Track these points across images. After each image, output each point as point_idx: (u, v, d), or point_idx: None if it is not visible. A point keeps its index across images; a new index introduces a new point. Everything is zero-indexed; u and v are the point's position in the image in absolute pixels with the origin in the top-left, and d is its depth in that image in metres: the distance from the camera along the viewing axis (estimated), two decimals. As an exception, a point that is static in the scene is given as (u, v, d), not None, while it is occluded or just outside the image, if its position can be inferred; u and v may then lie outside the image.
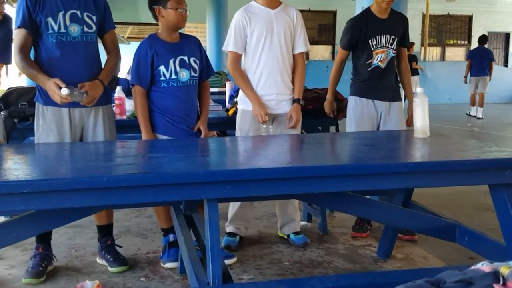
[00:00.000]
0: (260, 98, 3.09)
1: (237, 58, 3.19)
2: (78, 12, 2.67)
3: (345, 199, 2.47)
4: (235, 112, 3.33)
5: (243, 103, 3.19)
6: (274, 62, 3.13)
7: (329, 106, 3.56)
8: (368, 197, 2.72)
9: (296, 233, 3.33)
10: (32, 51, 2.71)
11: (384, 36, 3.32)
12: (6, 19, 2.52)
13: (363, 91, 3.39)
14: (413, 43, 11.20)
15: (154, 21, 3.05)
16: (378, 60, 3.34)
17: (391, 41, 3.34)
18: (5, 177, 1.78)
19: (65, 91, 2.45)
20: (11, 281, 2.74)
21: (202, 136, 2.97)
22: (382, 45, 3.33)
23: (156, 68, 2.88)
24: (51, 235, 2.95)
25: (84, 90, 2.59)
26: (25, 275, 2.72)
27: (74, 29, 2.66)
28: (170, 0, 2.86)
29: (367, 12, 3.40)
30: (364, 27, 3.33)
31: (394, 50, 3.36)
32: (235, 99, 3.52)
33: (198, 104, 3.08)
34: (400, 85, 3.54)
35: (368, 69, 3.35)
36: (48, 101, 2.65)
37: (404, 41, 3.45)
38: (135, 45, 3.09)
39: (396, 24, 3.39)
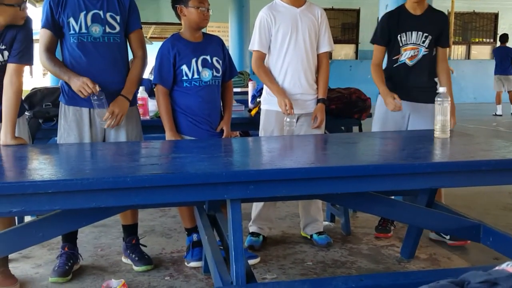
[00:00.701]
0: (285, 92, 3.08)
1: (261, 57, 3.18)
2: (101, 12, 2.68)
3: (368, 199, 2.45)
4: (258, 112, 3.34)
5: (267, 103, 3.19)
6: (299, 61, 3.12)
7: (390, 103, 3.14)
8: (391, 197, 2.70)
9: (319, 233, 3.32)
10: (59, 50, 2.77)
11: (416, 33, 3.20)
12: (26, 20, 2.57)
13: (388, 88, 3.25)
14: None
15: (176, 21, 3.06)
16: (406, 57, 3.23)
17: (423, 39, 3.20)
18: (31, 177, 1.81)
19: (97, 88, 2.56)
20: (38, 280, 2.79)
21: (224, 136, 2.97)
22: (412, 42, 3.21)
23: (178, 68, 2.88)
24: (77, 234, 3.00)
25: (111, 111, 2.64)
26: (52, 274, 2.77)
27: (96, 30, 2.68)
28: (189, 1, 2.86)
29: (401, 7, 3.31)
30: (395, 22, 3.25)
31: (427, 48, 3.21)
32: (258, 99, 3.53)
33: (221, 104, 3.09)
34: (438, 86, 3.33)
35: (394, 65, 3.27)
36: (70, 101, 2.71)
37: (441, 41, 3.29)
38: (157, 45, 3.11)
39: (431, 21, 3.24)
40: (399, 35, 3.22)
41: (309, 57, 3.14)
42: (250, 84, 4.44)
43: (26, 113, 3.22)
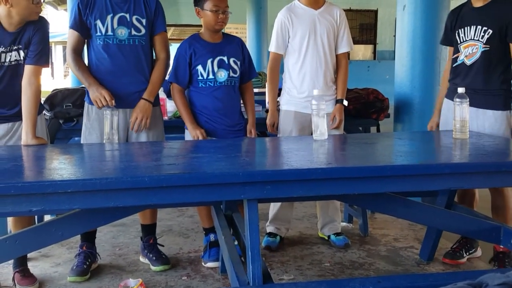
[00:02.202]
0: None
1: (277, 58, 3.19)
2: (127, 15, 2.74)
3: (386, 200, 2.43)
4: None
5: (285, 103, 3.19)
6: (317, 62, 3.11)
7: (430, 122, 3.09)
8: (410, 198, 2.67)
9: (336, 234, 3.30)
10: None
11: (474, 27, 2.84)
12: (43, 22, 2.61)
13: (448, 91, 3.01)
14: None
15: (195, 22, 3.12)
16: (464, 55, 2.90)
17: (482, 34, 2.81)
18: (51, 177, 1.84)
19: (108, 110, 2.63)
20: (57, 279, 2.83)
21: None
22: (470, 38, 2.86)
23: (194, 68, 2.90)
24: (95, 233, 3.03)
25: (135, 118, 2.72)
26: (70, 273, 2.80)
27: (122, 32, 2.73)
28: (207, 2, 2.87)
29: (467, 1, 2.96)
30: (456, 17, 2.97)
31: (487, 44, 2.80)
32: (275, 100, 3.52)
33: (240, 105, 3.09)
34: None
35: (453, 65, 2.97)
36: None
37: (508, 35, 2.77)
38: (176, 46, 3.13)
39: (494, 13, 2.80)
40: (457, 31, 2.93)
41: (327, 58, 3.14)
42: (268, 84, 4.43)
43: (46, 113, 3.28)
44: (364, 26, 15.64)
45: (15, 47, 2.55)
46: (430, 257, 3.02)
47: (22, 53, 2.57)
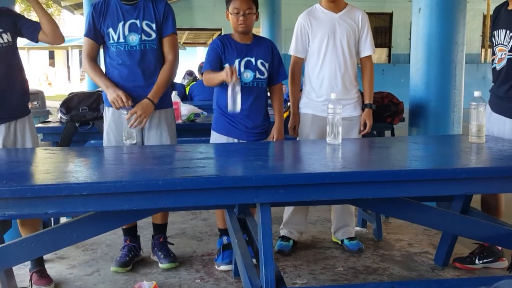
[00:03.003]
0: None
1: (297, 62, 3.20)
2: (138, 22, 2.80)
3: (400, 205, 2.41)
4: (288, 116, 3.33)
5: (303, 106, 3.20)
6: (336, 66, 3.11)
7: None
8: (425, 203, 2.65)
9: (350, 239, 3.29)
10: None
11: (504, 31, 2.70)
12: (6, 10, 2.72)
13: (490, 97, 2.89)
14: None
15: (209, 27, 3.13)
16: (498, 58, 2.76)
17: (509, 39, 2.67)
18: (67, 180, 1.86)
19: (125, 110, 2.70)
20: (72, 280, 2.85)
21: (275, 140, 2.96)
22: (500, 42, 2.74)
23: (222, 66, 2.91)
24: (136, 227, 3.13)
25: (134, 112, 2.74)
26: (113, 264, 2.97)
27: (133, 39, 2.81)
28: (230, 4, 2.89)
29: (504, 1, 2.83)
30: (494, 18, 2.86)
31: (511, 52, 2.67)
32: (289, 103, 3.52)
33: (266, 107, 3.06)
34: None
35: (492, 67, 2.86)
36: (109, 102, 2.84)
37: None
38: (190, 50, 3.15)
39: None
40: (493, 32, 2.81)
41: (347, 62, 3.13)
42: (282, 88, 4.43)
43: (63, 116, 3.33)
44: (378, 29, 15.57)
45: None
46: (445, 263, 2.99)
47: (5, 36, 2.61)
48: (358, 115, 3.19)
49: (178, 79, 7.41)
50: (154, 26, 2.83)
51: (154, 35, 2.84)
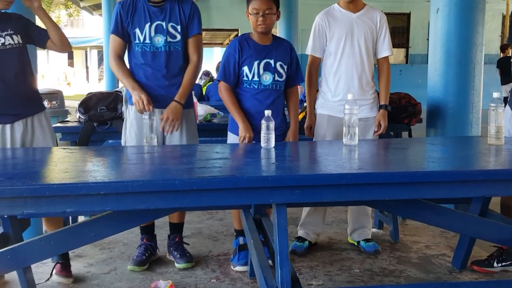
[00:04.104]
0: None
1: (314, 61, 3.19)
2: (164, 23, 2.83)
3: (417, 206, 2.39)
4: (305, 117, 3.32)
5: (320, 106, 3.19)
6: (353, 66, 3.10)
7: None
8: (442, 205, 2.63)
9: (366, 240, 3.27)
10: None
11: None
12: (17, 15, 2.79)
13: (509, 97, 2.94)
14: (508, 45, 10.69)
15: (226, 27, 3.13)
16: None
17: None
18: (85, 179, 1.88)
19: (146, 115, 2.70)
20: (89, 279, 2.88)
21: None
22: None
23: (241, 68, 2.91)
24: (154, 226, 3.15)
25: (166, 118, 2.78)
26: (130, 262, 2.99)
27: (158, 40, 2.84)
28: (250, 4, 2.88)
29: None
30: None
31: None
32: (305, 104, 3.52)
33: (284, 109, 3.06)
34: None
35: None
36: (131, 100, 2.88)
37: None
38: (207, 50, 3.17)
39: None
40: None
41: (364, 62, 3.11)
42: (298, 88, 4.43)
43: (81, 116, 3.37)
44: (396, 30, 15.45)
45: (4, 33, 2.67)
46: (462, 265, 2.95)
47: (16, 38, 2.68)
48: (374, 116, 3.18)
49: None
50: (179, 28, 2.85)
51: (179, 37, 2.86)
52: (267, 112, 2.43)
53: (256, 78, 2.89)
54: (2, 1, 2.64)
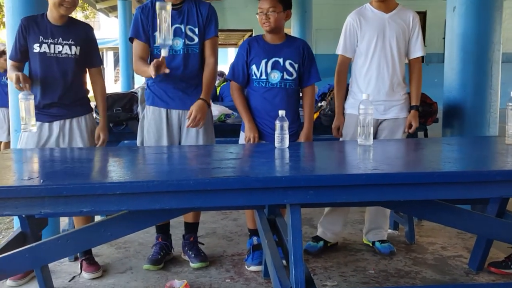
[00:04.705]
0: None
1: (344, 61, 3.18)
2: (182, 26, 2.87)
3: (433, 207, 2.37)
4: (319, 117, 3.31)
5: (349, 106, 3.18)
6: (384, 67, 3.08)
7: None
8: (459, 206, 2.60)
9: (382, 242, 3.25)
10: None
11: None
12: (89, 27, 2.96)
13: None
14: None
15: (240, 28, 3.15)
16: None
17: None
18: (101, 179, 1.90)
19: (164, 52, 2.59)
20: (105, 278, 2.90)
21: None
22: None
23: (250, 67, 2.94)
24: (169, 225, 3.18)
25: (190, 113, 2.80)
26: (145, 262, 3.02)
27: (177, 43, 2.86)
28: (259, 4, 2.90)
29: None
30: None
31: None
32: (319, 104, 3.51)
33: (296, 109, 3.05)
34: None
35: None
36: (150, 101, 2.94)
37: None
38: (221, 51, 3.20)
39: None
40: None
41: (395, 63, 3.10)
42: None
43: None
44: (412, 29, 15.33)
45: (64, 42, 2.80)
46: (479, 267, 2.92)
47: (74, 48, 2.82)
48: (404, 117, 3.16)
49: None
50: (196, 30, 2.88)
51: (196, 40, 2.89)
52: (281, 113, 2.43)
53: (263, 77, 2.91)
54: (62, 6, 2.73)
